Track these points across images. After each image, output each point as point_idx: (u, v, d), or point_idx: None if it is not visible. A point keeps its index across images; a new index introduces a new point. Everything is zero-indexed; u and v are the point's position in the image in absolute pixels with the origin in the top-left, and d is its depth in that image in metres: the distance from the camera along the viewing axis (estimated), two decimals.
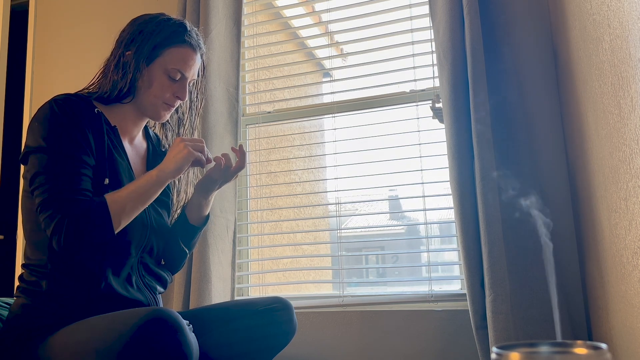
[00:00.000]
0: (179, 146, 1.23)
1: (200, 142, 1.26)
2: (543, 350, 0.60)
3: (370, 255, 4.73)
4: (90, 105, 1.27)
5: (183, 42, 1.31)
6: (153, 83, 1.30)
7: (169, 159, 1.23)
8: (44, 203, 1.15)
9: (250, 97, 2.33)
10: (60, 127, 1.19)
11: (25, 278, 1.23)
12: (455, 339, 1.78)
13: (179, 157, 1.22)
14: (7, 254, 2.57)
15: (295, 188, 2.54)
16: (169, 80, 1.31)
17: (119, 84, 1.29)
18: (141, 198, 1.20)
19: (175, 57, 1.30)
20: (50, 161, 1.17)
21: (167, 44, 1.30)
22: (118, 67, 1.29)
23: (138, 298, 1.26)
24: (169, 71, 1.30)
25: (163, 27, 1.30)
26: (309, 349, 1.92)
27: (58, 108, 1.20)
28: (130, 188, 1.19)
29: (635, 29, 1.01)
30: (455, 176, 1.72)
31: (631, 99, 1.07)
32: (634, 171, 1.09)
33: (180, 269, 1.49)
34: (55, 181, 1.15)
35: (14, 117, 2.60)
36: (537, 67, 1.82)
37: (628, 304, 1.22)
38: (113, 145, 1.28)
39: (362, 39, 2.13)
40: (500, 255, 1.62)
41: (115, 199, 1.17)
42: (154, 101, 1.32)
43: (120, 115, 1.33)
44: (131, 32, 1.32)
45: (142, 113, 1.35)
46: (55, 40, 2.54)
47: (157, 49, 1.29)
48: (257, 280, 2.23)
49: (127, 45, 1.31)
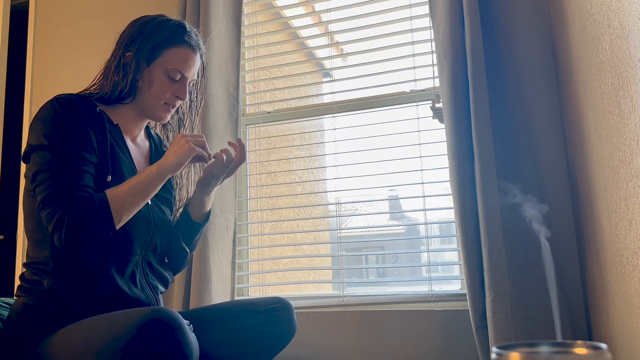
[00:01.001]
0: (180, 141, 1.24)
1: (201, 138, 1.27)
2: (543, 350, 0.60)
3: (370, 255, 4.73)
4: (92, 104, 1.27)
5: (182, 42, 1.32)
6: (153, 83, 1.31)
7: (170, 154, 1.23)
8: (46, 200, 1.15)
9: (250, 97, 2.33)
10: (62, 125, 1.20)
11: (27, 277, 1.24)
12: (455, 339, 1.78)
13: (180, 151, 1.22)
14: (7, 254, 2.57)
15: (295, 188, 2.54)
16: (169, 80, 1.32)
17: (119, 84, 1.29)
18: (142, 193, 1.20)
19: (175, 58, 1.31)
20: (52, 159, 1.17)
21: (167, 45, 1.31)
22: (119, 68, 1.30)
23: (139, 297, 1.26)
24: (168, 71, 1.31)
25: (162, 28, 1.31)
26: (309, 349, 1.92)
27: (60, 106, 1.21)
28: (130, 183, 1.20)
29: (635, 29, 1.01)
30: (455, 176, 1.72)
31: (631, 99, 1.07)
32: (634, 171, 1.09)
33: (182, 269, 1.48)
34: (57, 178, 1.16)
35: (14, 117, 2.60)
36: (537, 67, 1.82)
37: (628, 304, 1.22)
38: (116, 142, 1.28)
39: (362, 39, 2.13)
40: (500, 255, 1.62)
41: (116, 194, 1.17)
42: (154, 102, 1.32)
43: (122, 115, 1.34)
44: (131, 34, 1.32)
45: (143, 114, 1.36)
46: (55, 39, 2.54)
47: (157, 50, 1.30)
48: (257, 280, 2.23)
49: (127, 46, 1.31)
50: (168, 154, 1.23)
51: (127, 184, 1.19)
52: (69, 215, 1.12)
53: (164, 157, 1.24)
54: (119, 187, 1.19)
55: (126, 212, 1.18)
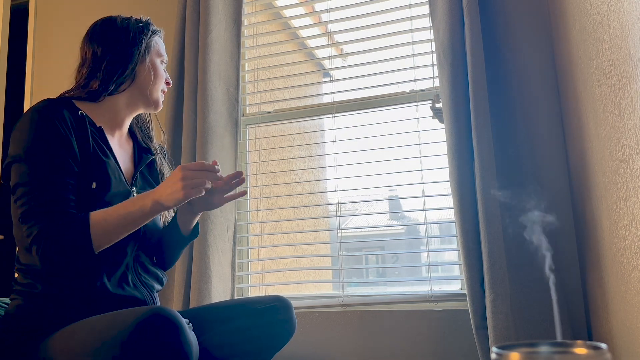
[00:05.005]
0: (177, 184, 1.15)
1: (200, 179, 1.17)
2: (543, 350, 0.60)
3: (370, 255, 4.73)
4: (73, 108, 1.26)
5: (155, 32, 1.41)
6: (153, 71, 1.37)
7: (167, 194, 1.16)
8: (24, 215, 1.14)
9: (250, 97, 2.33)
10: (41, 137, 1.17)
11: (20, 281, 1.23)
12: (455, 339, 1.78)
13: (175, 197, 1.15)
14: (7, 254, 2.57)
15: (295, 188, 2.54)
16: (161, 68, 1.40)
17: (113, 77, 1.30)
18: (130, 226, 1.17)
19: (158, 46, 1.40)
20: (31, 172, 1.15)
21: (153, 35, 1.39)
22: (112, 63, 1.31)
23: (134, 295, 1.26)
24: (160, 59, 1.40)
25: (139, 22, 1.39)
26: (309, 349, 1.92)
27: (39, 116, 1.18)
28: (119, 212, 1.16)
29: (635, 29, 1.01)
30: (455, 176, 1.72)
31: (631, 99, 1.07)
32: (634, 171, 1.09)
33: (170, 267, 1.48)
34: (35, 193, 1.14)
35: (14, 117, 2.60)
36: (537, 67, 1.82)
37: (628, 304, 1.22)
38: (99, 146, 1.26)
39: (362, 39, 2.13)
40: (500, 255, 1.62)
41: (101, 221, 1.14)
42: (154, 90, 1.38)
43: (110, 111, 1.33)
44: (114, 29, 1.36)
45: (139, 103, 1.37)
46: (55, 39, 2.54)
47: (151, 39, 1.38)
48: (257, 280, 2.23)
49: (115, 41, 1.33)
50: (164, 191, 1.16)
51: (116, 213, 1.15)
52: (47, 235, 1.11)
53: (160, 193, 1.17)
54: (106, 215, 1.15)
55: (108, 241, 1.16)
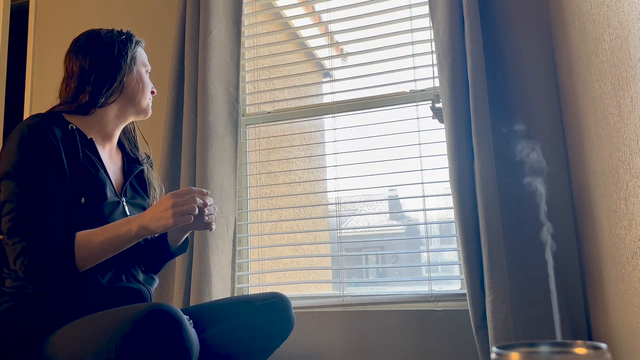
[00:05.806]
0: (167, 212, 1.15)
1: (190, 206, 1.17)
2: (543, 350, 0.60)
3: (370, 255, 4.73)
4: (63, 122, 1.26)
5: (138, 42, 1.43)
6: (140, 82, 1.39)
7: (155, 219, 1.16)
8: (10, 231, 1.15)
9: (250, 97, 2.33)
10: (29, 155, 1.18)
11: (9, 285, 1.23)
12: (455, 339, 1.78)
13: (162, 223, 1.16)
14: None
15: (295, 188, 2.54)
16: (147, 77, 1.43)
17: (103, 89, 1.31)
18: (115, 249, 1.18)
19: (142, 56, 1.42)
20: (19, 189, 1.16)
21: (135, 46, 1.41)
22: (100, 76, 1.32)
23: (131, 286, 1.27)
24: (144, 69, 1.42)
25: (122, 34, 1.40)
26: (309, 348, 1.92)
27: (29, 133, 1.19)
28: (105, 235, 1.17)
29: (635, 29, 1.01)
30: (455, 176, 1.72)
31: (631, 99, 1.07)
32: (634, 171, 1.09)
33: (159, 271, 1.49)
34: (21, 211, 1.15)
35: (14, 117, 2.60)
36: (537, 67, 1.82)
37: (628, 304, 1.22)
38: (89, 159, 1.27)
39: (362, 39, 2.13)
40: (500, 255, 1.62)
41: (86, 242, 1.15)
42: (142, 99, 1.39)
43: (101, 122, 1.34)
44: (99, 42, 1.35)
45: (129, 111, 1.38)
46: (55, 39, 2.54)
47: (135, 50, 1.39)
48: (257, 280, 2.23)
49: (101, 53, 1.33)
50: (151, 217, 1.16)
51: (102, 235, 1.16)
52: (31, 253, 1.12)
53: (148, 218, 1.17)
54: (91, 236, 1.16)
55: (93, 262, 1.18)
